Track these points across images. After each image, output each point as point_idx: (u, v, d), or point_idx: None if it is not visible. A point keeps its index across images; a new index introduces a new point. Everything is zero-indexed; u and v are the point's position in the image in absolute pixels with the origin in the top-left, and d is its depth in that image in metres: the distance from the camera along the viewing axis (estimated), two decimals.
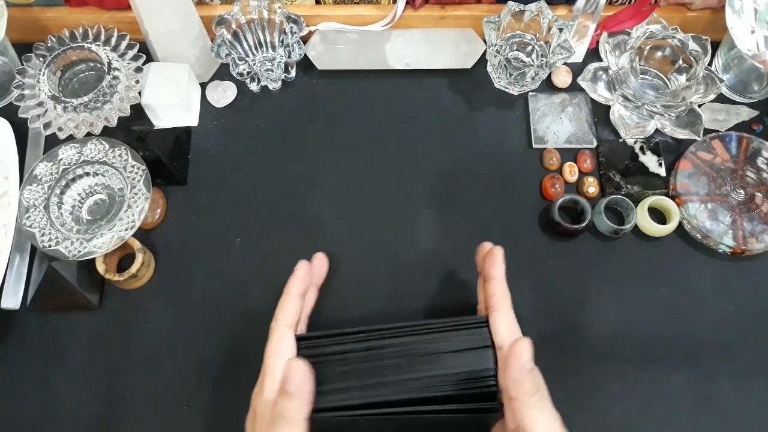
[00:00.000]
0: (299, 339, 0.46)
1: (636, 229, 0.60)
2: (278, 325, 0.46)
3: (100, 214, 0.58)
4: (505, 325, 0.44)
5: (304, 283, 0.49)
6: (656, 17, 0.65)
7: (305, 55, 0.65)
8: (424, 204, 0.62)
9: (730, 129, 0.64)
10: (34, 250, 0.59)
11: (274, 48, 0.65)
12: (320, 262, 0.54)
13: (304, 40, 0.67)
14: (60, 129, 0.59)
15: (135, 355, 0.56)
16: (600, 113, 0.65)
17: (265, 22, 0.64)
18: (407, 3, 0.66)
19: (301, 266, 0.50)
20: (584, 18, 0.63)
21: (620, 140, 0.64)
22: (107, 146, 0.58)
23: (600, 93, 0.64)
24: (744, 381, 0.55)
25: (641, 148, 0.63)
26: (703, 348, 0.56)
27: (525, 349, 0.40)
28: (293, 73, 0.66)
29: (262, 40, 0.65)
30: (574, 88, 0.66)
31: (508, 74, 0.63)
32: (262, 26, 0.64)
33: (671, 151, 0.63)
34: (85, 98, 0.59)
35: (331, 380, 0.43)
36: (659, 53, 0.64)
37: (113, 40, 0.62)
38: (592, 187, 0.61)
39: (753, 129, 0.64)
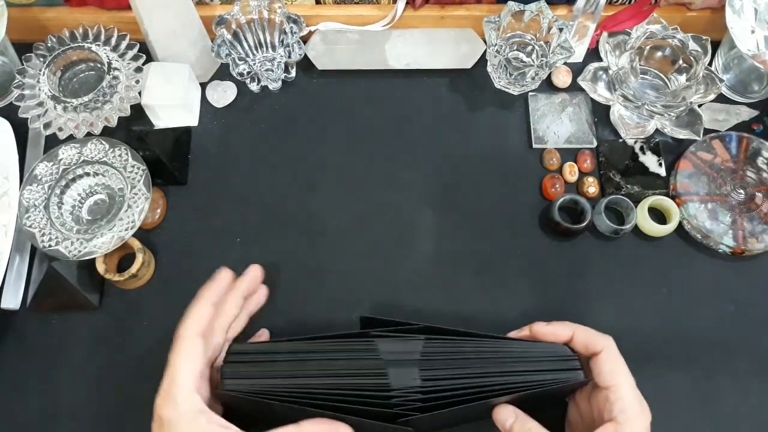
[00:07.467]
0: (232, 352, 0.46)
1: (636, 229, 0.60)
2: (187, 332, 0.45)
3: (100, 214, 0.58)
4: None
5: (219, 293, 0.47)
6: (656, 17, 0.65)
7: (305, 55, 0.65)
8: (424, 204, 0.62)
9: (730, 129, 0.64)
10: (34, 250, 0.59)
11: (274, 48, 0.65)
12: (255, 273, 0.51)
13: (304, 40, 0.67)
14: (60, 129, 0.59)
15: (135, 356, 0.56)
16: (600, 113, 0.65)
17: (265, 22, 0.64)
18: (407, 3, 0.66)
19: (221, 274, 0.48)
20: (584, 18, 0.63)
21: (620, 140, 0.64)
22: (107, 146, 0.58)
23: (600, 93, 0.64)
24: (744, 381, 0.55)
25: (641, 148, 0.63)
26: (703, 348, 0.56)
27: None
28: (293, 73, 0.66)
29: (262, 40, 0.65)
30: (574, 88, 0.66)
31: (508, 74, 0.63)
32: (262, 26, 0.64)
33: (671, 151, 0.63)
34: (85, 98, 0.59)
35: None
36: (659, 53, 0.64)
37: (113, 40, 0.62)
38: (592, 187, 0.61)
39: (753, 129, 0.64)
